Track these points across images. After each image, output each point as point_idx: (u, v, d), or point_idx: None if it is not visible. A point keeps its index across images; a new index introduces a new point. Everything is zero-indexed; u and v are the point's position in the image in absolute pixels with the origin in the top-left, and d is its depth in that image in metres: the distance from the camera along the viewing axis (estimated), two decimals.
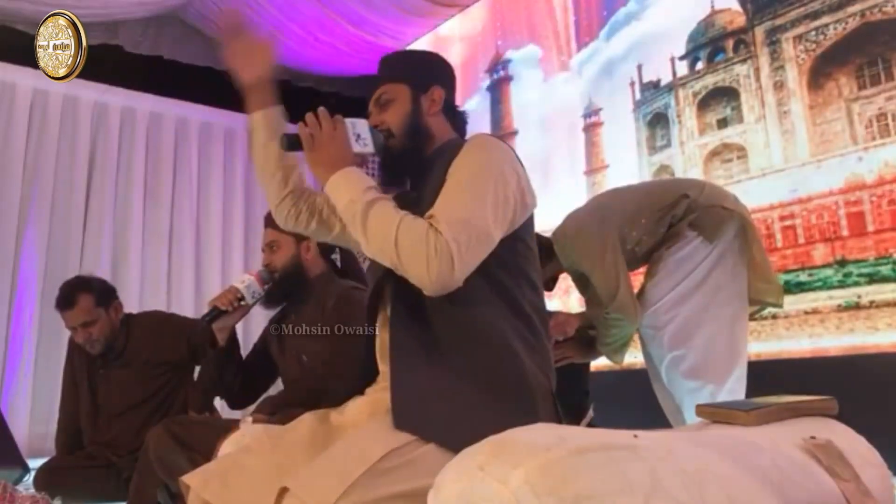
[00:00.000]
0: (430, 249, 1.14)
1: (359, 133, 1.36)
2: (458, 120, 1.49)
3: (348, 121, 1.36)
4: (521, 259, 1.32)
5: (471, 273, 1.18)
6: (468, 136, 1.44)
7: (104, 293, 2.69)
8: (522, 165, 1.35)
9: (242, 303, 2.09)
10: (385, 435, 1.14)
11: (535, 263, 1.37)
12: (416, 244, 1.15)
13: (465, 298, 1.21)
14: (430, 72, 1.49)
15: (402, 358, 1.25)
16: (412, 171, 1.44)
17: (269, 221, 2.22)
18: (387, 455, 1.09)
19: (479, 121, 5.00)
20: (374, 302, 1.38)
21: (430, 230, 1.15)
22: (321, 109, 1.35)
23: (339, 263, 2.29)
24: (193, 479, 1.21)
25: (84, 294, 2.63)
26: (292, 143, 1.37)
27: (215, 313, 2.08)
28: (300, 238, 2.18)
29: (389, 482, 1.06)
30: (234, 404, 2.30)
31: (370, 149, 1.37)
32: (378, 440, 1.12)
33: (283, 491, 1.05)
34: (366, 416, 1.28)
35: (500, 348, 1.23)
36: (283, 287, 2.15)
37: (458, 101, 1.52)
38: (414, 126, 1.41)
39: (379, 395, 1.30)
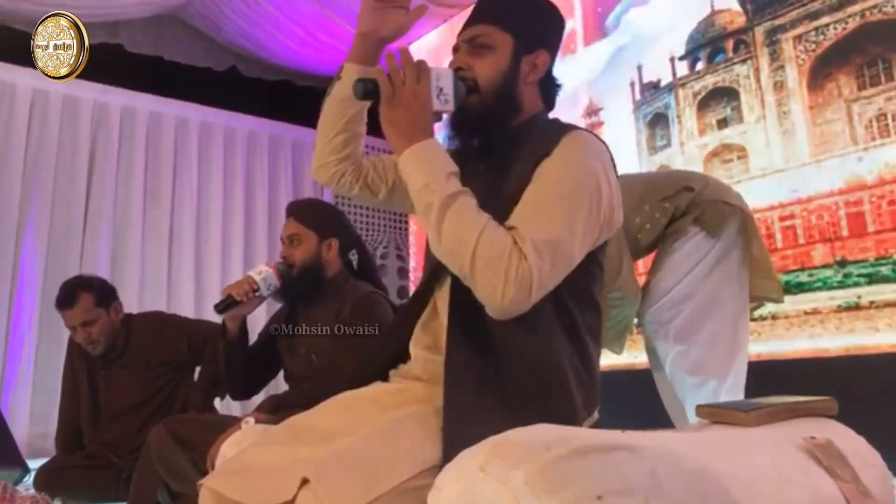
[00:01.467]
0: (509, 272, 1.02)
1: (441, 87, 1.17)
2: (551, 94, 1.32)
3: (433, 70, 1.16)
4: (591, 281, 1.21)
5: None
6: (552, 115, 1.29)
7: (104, 293, 2.69)
8: (616, 170, 1.22)
9: (257, 293, 2.04)
10: (420, 449, 1.06)
11: (602, 283, 1.26)
12: (496, 262, 1.03)
13: (528, 321, 1.10)
14: (543, 30, 1.29)
15: (457, 379, 1.12)
16: (486, 139, 1.26)
17: (293, 211, 2.17)
18: (417, 474, 1.02)
19: None
20: (425, 290, 1.27)
21: (513, 249, 1.03)
22: (404, 50, 1.15)
23: (355, 265, 2.22)
24: (215, 481, 1.13)
25: (84, 293, 2.63)
26: (368, 91, 1.15)
27: (229, 302, 2.04)
28: (323, 235, 2.13)
29: (415, 499, 0.98)
30: (236, 395, 2.27)
31: (450, 106, 1.18)
32: (411, 454, 1.05)
33: (304, 481, 0.99)
34: (389, 407, 1.19)
35: (554, 381, 1.13)
36: (300, 284, 2.09)
37: None
38: (506, 89, 1.23)
39: (409, 384, 1.22)
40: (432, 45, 5.46)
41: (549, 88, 1.31)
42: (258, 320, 3.04)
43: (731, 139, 3.66)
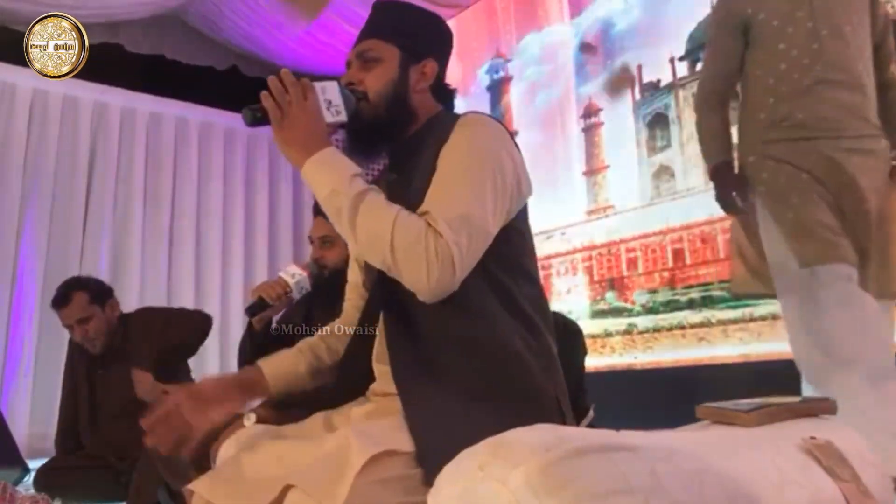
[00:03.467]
0: (429, 253, 1.04)
1: (330, 99, 1.18)
2: (446, 97, 1.34)
3: (318, 85, 1.18)
4: (517, 251, 1.22)
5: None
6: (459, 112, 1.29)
7: (99, 292, 2.72)
8: (517, 147, 1.24)
9: (288, 295, 1.99)
10: (392, 434, 1.07)
11: (532, 253, 1.27)
12: (414, 246, 1.05)
13: (462, 303, 1.11)
14: (427, 40, 1.32)
15: (407, 379, 1.14)
16: (385, 146, 1.29)
17: (321, 210, 2.15)
18: (394, 460, 1.02)
19: None
20: (373, 303, 1.28)
21: (428, 231, 1.06)
22: (285, 72, 1.16)
23: None
24: (200, 485, 1.14)
25: (78, 292, 2.66)
26: (256, 118, 1.15)
27: (261, 304, 1.98)
28: None
29: (401, 491, 1.00)
30: None
31: (343, 117, 1.19)
32: (386, 437, 1.05)
33: (288, 488, 1.00)
34: (367, 413, 1.22)
35: (505, 357, 1.13)
36: (331, 287, 2.00)
37: (457, 102, 1.43)
38: (395, 98, 1.25)
39: (383, 402, 1.23)
40: None
41: (443, 93, 1.34)
42: None
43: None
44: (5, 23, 4.57)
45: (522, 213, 1.24)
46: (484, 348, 1.13)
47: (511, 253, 1.20)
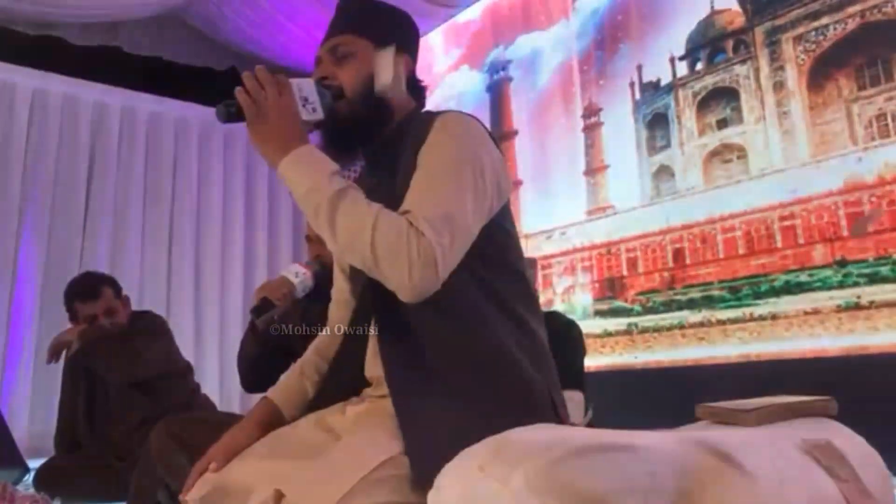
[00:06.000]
0: (411, 253, 1.02)
1: (306, 96, 1.15)
2: (419, 93, 1.32)
3: (294, 82, 1.15)
4: (502, 249, 1.20)
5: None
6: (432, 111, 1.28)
7: (117, 286, 2.75)
8: (498, 145, 1.22)
9: (291, 296, 1.97)
10: (383, 442, 1.08)
11: (517, 249, 1.25)
12: (396, 246, 1.02)
13: (451, 303, 1.10)
14: (398, 34, 1.29)
15: (400, 382, 1.14)
16: (363, 144, 1.27)
17: None
18: (385, 463, 1.03)
19: None
20: (363, 307, 1.27)
21: (409, 230, 1.03)
22: (260, 68, 1.14)
23: None
24: (195, 495, 1.16)
25: (106, 286, 2.69)
26: (231, 113, 1.13)
27: (266, 305, 1.94)
28: None
29: (388, 491, 1.00)
30: (252, 389, 2.26)
31: (319, 114, 1.17)
32: (377, 446, 1.06)
33: (279, 496, 1.01)
34: (358, 419, 1.21)
35: (496, 355, 1.13)
36: (329, 284, 2.08)
37: (456, 102, 1.42)
38: (371, 92, 1.23)
39: (378, 403, 1.22)
40: (432, 44, 5.46)
41: (415, 89, 1.32)
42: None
43: (730, 139, 3.66)
44: (5, 23, 4.56)
45: (505, 211, 1.22)
46: (475, 347, 1.13)
47: (496, 251, 1.19)
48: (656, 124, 4.02)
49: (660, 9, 4.06)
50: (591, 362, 2.54)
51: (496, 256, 1.19)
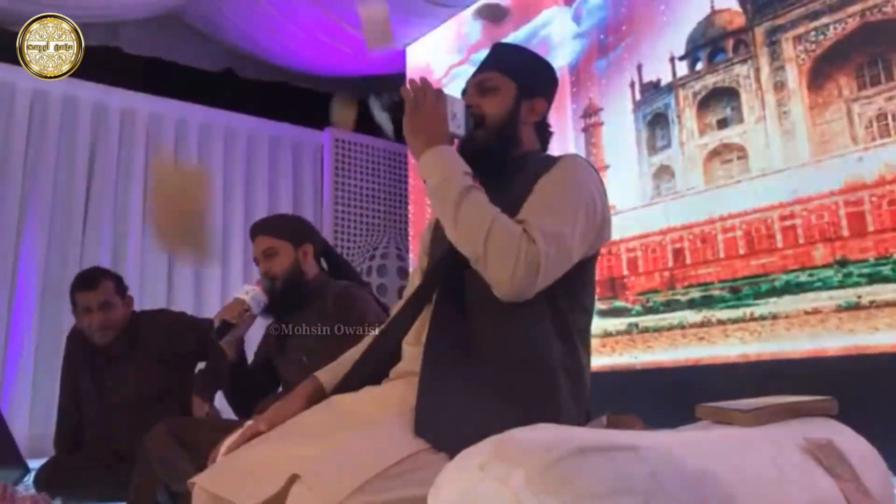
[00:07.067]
0: (520, 254, 1.13)
1: (455, 112, 1.33)
2: (545, 137, 1.49)
3: (449, 96, 1.33)
4: (580, 286, 1.31)
5: None
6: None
7: (122, 284, 2.73)
8: (606, 194, 1.35)
9: (248, 313, 2.07)
10: (402, 437, 1.10)
11: (592, 293, 1.37)
12: (508, 245, 1.14)
13: (519, 313, 1.19)
14: (541, 81, 1.48)
15: (435, 362, 1.20)
16: (487, 169, 1.39)
17: (260, 229, 2.22)
18: (402, 460, 1.06)
19: None
20: (429, 282, 1.34)
21: (523, 235, 1.16)
22: (424, 79, 1.33)
23: (326, 267, 2.29)
24: (202, 478, 1.17)
25: (107, 279, 2.67)
26: (394, 103, 1.32)
27: (224, 327, 2.05)
28: (298, 242, 2.17)
29: (400, 485, 1.03)
30: (240, 414, 2.30)
31: (461, 131, 1.34)
32: (395, 442, 1.09)
33: (294, 477, 1.02)
34: (374, 407, 1.23)
35: (540, 372, 1.20)
36: (286, 294, 2.12)
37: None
38: (508, 127, 1.40)
39: (396, 388, 1.27)
40: (433, 44, 5.46)
41: (543, 132, 1.48)
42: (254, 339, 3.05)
43: (731, 139, 3.66)
44: (5, 23, 4.57)
45: (596, 256, 1.35)
46: (524, 355, 1.20)
47: (577, 285, 1.30)
48: (656, 124, 4.02)
49: (660, 9, 4.06)
50: (592, 362, 2.54)
51: (576, 290, 1.30)
